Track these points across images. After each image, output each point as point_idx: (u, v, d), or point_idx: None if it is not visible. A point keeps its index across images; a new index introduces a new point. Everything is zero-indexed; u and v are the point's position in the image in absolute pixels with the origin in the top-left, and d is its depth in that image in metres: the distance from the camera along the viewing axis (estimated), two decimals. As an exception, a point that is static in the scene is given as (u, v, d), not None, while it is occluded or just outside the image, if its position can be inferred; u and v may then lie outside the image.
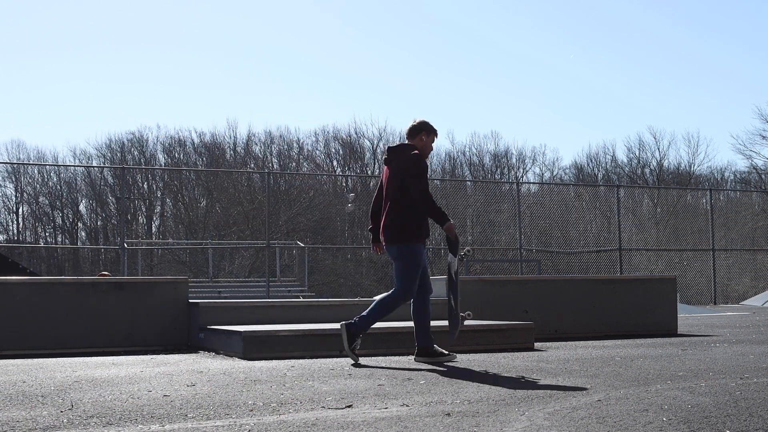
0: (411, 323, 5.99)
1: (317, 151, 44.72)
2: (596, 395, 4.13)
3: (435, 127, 6.08)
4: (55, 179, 41.30)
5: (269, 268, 19.54)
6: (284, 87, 61.42)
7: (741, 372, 5.17)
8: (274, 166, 42.37)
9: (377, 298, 6.25)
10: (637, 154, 45.24)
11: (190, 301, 7.72)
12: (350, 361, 5.93)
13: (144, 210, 40.81)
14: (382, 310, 5.86)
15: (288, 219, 34.36)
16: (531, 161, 46.25)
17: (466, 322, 7.39)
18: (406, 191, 5.81)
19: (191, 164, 42.39)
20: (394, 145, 6.13)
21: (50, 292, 7.33)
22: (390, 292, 5.94)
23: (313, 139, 44.66)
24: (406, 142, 6.11)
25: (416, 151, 5.91)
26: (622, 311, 9.17)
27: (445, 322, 6.37)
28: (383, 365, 5.71)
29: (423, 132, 6.01)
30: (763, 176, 40.70)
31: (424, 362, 5.85)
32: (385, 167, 6.04)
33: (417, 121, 6.09)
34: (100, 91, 57.72)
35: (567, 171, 46.16)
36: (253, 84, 60.81)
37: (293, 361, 6.03)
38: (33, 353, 6.86)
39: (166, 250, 35.09)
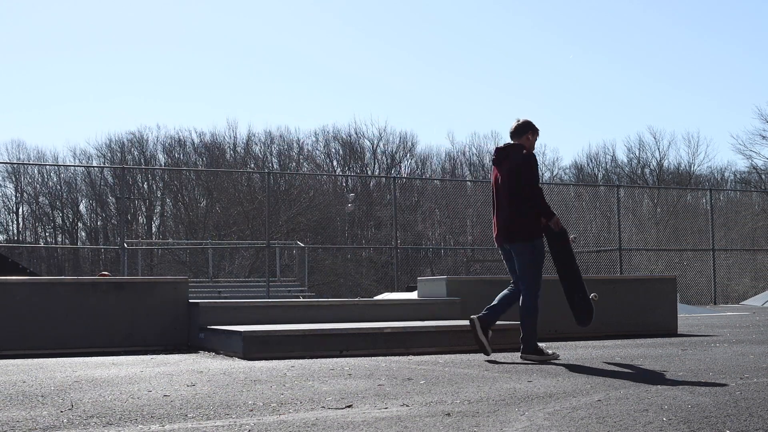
0: (408, 324, 5.99)
1: (317, 151, 44.77)
2: (596, 395, 4.13)
3: (537, 126, 6.29)
4: (55, 179, 41.34)
5: (269, 268, 19.53)
6: (284, 87, 61.48)
7: (741, 372, 5.17)
8: (274, 166, 42.38)
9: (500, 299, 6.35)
10: (637, 154, 45.27)
11: (190, 301, 7.72)
12: (350, 361, 5.95)
13: (144, 210, 40.82)
14: (531, 314, 6.08)
15: (288, 219, 34.36)
16: (531, 161, 46.20)
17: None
18: (520, 188, 6.02)
19: (191, 164, 42.39)
20: (502, 145, 6.28)
21: (50, 292, 7.33)
22: (522, 295, 6.12)
23: (313, 139, 44.71)
24: (511, 141, 6.28)
25: (526, 150, 6.14)
26: (622, 311, 9.16)
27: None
28: (383, 365, 5.71)
29: (529, 131, 6.23)
30: (763, 176, 40.70)
31: (529, 360, 6.06)
32: (494, 168, 6.26)
33: (521, 120, 6.28)
34: (100, 91, 57.79)
35: (567, 171, 46.19)
36: (253, 84, 60.86)
37: (293, 361, 6.03)
38: (33, 353, 6.86)
39: (166, 250, 35.09)
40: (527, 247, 6.06)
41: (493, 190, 6.28)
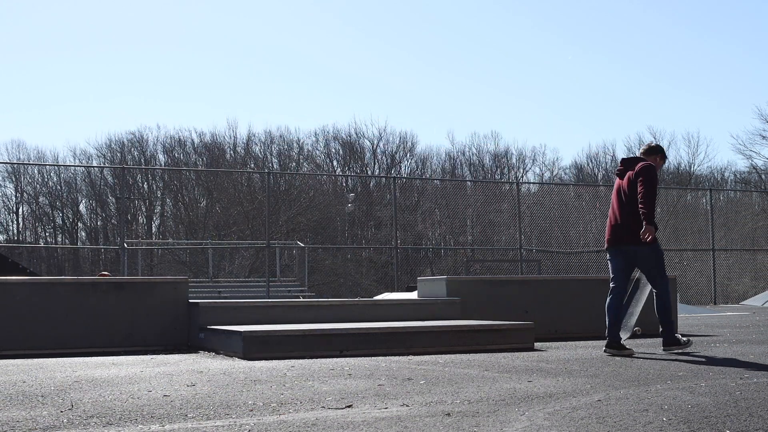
0: (408, 324, 6.00)
1: (317, 151, 44.77)
2: (596, 395, 4.13)
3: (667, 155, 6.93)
4: (55, 179, 41.34)
5: (269, 268, 19.53)
6: (284, 87, 61.49)
7: (741, 372, 5.17)
8: (274, 166, 42.38)
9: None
10: (637, 154, 45.23)
11: (190, 301, 7.72)
12: (350, 361, 5.94)
13: (144, 210, 40.83)
14: (667, 308, 6.57)
15: (288, 219, 34.36)
16: (531, 161, 46.32)
17: (472, 322, 7.44)
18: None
19: (191, 164, 42.39)
20: (628, 157, 6.83)
21: (50, 292, 7.33)
22: (658, 294, 6.59)
23: (313, 139, 44.71)
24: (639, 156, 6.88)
25: (649, 162, 6.67)
26: (622, 311, 9.14)
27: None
28: (383, 365, 5.71)
29: (658, 155, 6.88)
30: (763, 176, 40.70)
31: (612, 354, 6.55)
32: (618, 178, 6.79)
33: (654, 143, 7.03)
34: (100, 91, 57.81)
35: (567, 171, 46.21)
36: (253, 84, 60.87)
37: (293, 361, 6.03)
38: (33, 353, 6.86)
39: (166, 250, 35.09)
40: (653, 249, 6.50)
41: (613, 197, 6.74)
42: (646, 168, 6.53)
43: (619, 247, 6.65)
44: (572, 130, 63.35)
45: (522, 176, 44.27)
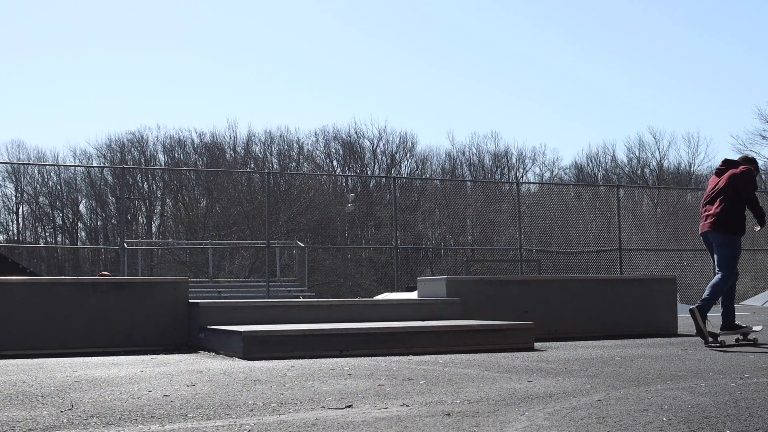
0: (408, 324, 5.99)
1: (317, 151, 44.81)
2: (596, 395, 4.13)
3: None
4: (55, 179, 41.37)
5: (269, 268, 19.53)
6: (284, 87, 61.52)
7: (741, 372, 5.17)
8: (274, 166, 42.42)
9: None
10: (637, 154, 45.29)
11: (190, 301, 7.71)
12: (350, 361, 5.94)
13: (144, 210, 40.84)
14: (716, 291, 7.24)
15: (288, 219, 34.37)
16: (531, 161, 46.36)
17: (472, 322, 7.42)
18: (737, 194, 7.31)
19: (191, 164, 42.41)
20: (730, 159, 7.59)
21: (50, 292, 7.33)
22: (717, 276, 7.32)
23: (313, 139, 44.77)
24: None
25: (749, 167, 7.40)
26: (622, 311, 9.16)
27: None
28: (383, 365, 5.71)
29: (754, 165, 7.56)
30: (763, 176, 40.69)
31: (729, 335, 7.34)
32: (714, 176, 7.59)
33: (752, 155, 7.70)
34: (100, 91, 57.86)
35: (567, 171, 46.26)
36: (253, 84, 60.89)
37: (293, 361, 6.02)
38: (33, 353, 6.85)
39: (166, 250, 35.10)
40: (729, 239, 7.30)
41: (707, 192, 7.56)
42: (747, 174, 7.24)
43: (705, 235, 7.48)
44: (572, 130, 63.43)
45: (522, 176, 44.31)
